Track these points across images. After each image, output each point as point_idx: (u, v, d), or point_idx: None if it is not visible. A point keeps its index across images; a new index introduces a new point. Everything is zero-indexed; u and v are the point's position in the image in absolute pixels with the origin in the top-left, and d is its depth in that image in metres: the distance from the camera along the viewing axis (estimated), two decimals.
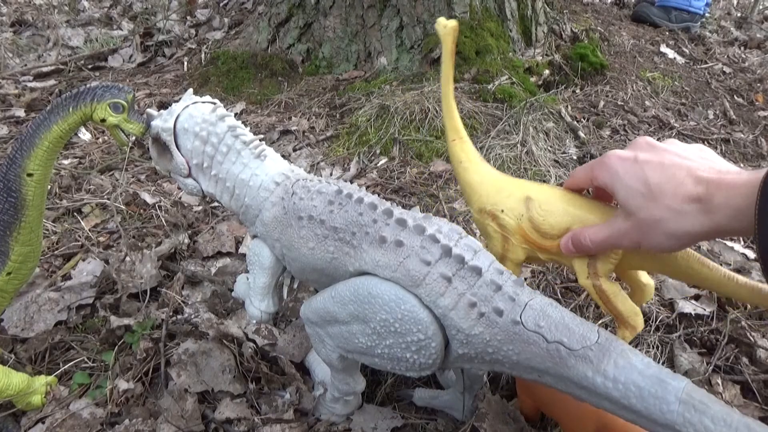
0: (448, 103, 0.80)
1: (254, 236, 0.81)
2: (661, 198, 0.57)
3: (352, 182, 1.46)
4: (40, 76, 2.18)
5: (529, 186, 0.74)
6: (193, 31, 2.53)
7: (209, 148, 0.76)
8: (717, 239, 1.38)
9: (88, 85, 0.72)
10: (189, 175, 0.78)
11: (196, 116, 0.75)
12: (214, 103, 0.79)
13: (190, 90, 0.80)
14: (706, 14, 2.89)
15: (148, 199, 1.37)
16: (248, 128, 0.80)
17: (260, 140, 0.79)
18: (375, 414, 0.85)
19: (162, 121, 0.76)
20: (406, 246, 0.64)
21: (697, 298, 1.13)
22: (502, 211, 0.73)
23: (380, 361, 0.68)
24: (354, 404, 0.84)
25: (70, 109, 0.70)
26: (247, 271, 0.83)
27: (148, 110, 0.78)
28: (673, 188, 0.57)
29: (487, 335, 0.60)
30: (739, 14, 3.34)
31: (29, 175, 0.70)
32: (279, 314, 1.06)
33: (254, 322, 0.83)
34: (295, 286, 0.87)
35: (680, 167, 0.57)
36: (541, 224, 0.70)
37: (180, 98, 0.79)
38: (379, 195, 1.40)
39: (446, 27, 0.75)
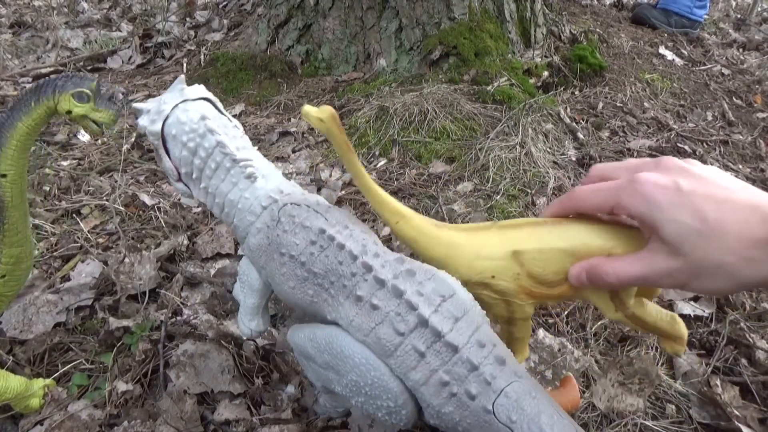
0: (369, 191, 0.68)
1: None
2: (724, 239, 0.49)
3: (351, 184, 1.46)
4: (39, 78, 2.17)
5: (508, 235, 0.63)
6: (192, 32, 2.53)
7: (198, 161, 0.71)
8: None
9: (48, 78, 0.69)
10: (179, 180, 0.74)
11: (184, 123, 0.69)
12: (208, 99, 0.73)
13: (182, 77, 0.74)
14: (704, 17, 2.89)
15: (147, 200, 1.37)
16: (244, 134, 0.75)
17: (250, 160, 0.73)
18: None
19: (149, 122, 0.71)
20: (380, 310, 0.60)
21: (696, 299, 1.13)
22: (493, 277, 0.63)
23: (357, 408, 0.66)
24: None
25: (33, 104, 0.67)
26: None
27: (135, 104, 0.73)
28: (738, 228, 0.49)
29: (457, 416, 0.57)
30: (737, 16, 3.35)
31: (2, 176, 0.68)
32: (278, 315, 1.06)
33: (244, 338, 0.82)
34: None
35: (736, 201, 0.50)
36: (545, 276, 0.61)
37: (169, 88, 0.73)
38: None
39: (321, 119, 0.62)
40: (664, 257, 0.53)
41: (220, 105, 0.75)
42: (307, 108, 0.63)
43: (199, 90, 0.73)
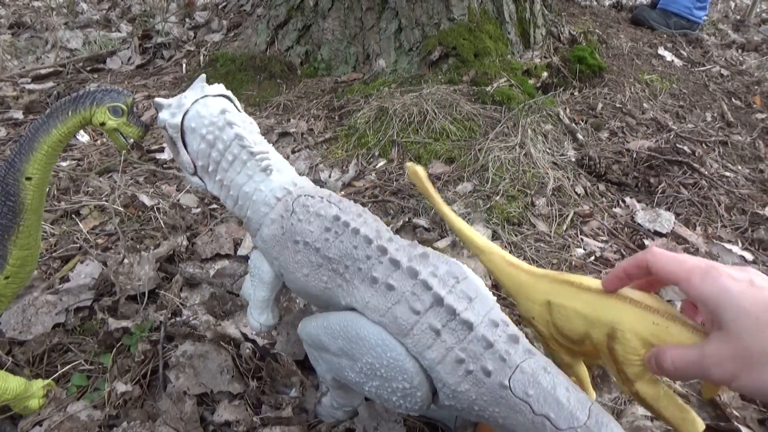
0: (453, 225, 0.76)
1: (255, 247, 0.80)
2: None
3: (351, 184, 1.46)
4: (39, 78, 2.18)
5: (551, 286, 0.67)
6: (191, 33, 2.53)
7: (215, 153, 0.73)
8: (714, 240, 1.38)
9: (87, 89, 0.71)
10: (195, 173, 0.76)
11: (204, 117, 0.72)
12: (227, 96, 0.76)
13: (203, 76, 0.77)
14: (704, 18, 2.90)
15: (147, 201, 1.37)
16: (258, 131, 0.78)
17: (266, 153, 0.76)
18: (381, 412, 0.85)
19: (169, 115, 0.73)
20: (396, 291, 0.61)
21: None
22: (533, 318, 0.69)
23: (369, 395, 0.66)
24: (355, 410, 0.84)
25: (70, 113, 0.70)
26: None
27: (157, 99, 0.75)
28: None
29: (473, 394, 0.57)
30: (736, 17, 3.35)
31: (28, 179, 0.70)
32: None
33: (254, 333, 0.82)
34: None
35: None
36: (564, 330, 0.64)
37: (191, 86, 0.76)
38: (378, 197, 1.41)
39: (414, 174, 0.75)
40: (717, 344, 0.51)
41: (237, 103, 0.78)
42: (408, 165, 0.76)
43: (219, 88, 0.76)
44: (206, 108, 0.72)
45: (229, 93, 0.77)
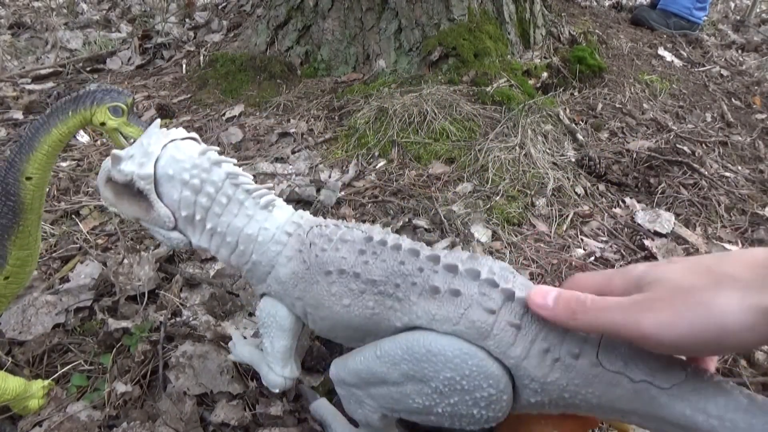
0: None
1: (263, 294, 0.73)
2: (715, 268, 0.44)
3: (351, 185, 1.46)
4: (39, 79, 2.18)
5: None
6: (191, 33, 2.53)
7: (203, 198, 0.65)
8: (714, 240, 1.38)
9: (87, 89, 0.71)
10: (174, 228, 0.67)
11: (182, 160, 0.64)
12: (194, 139, 0.69)
13: (158, 121, 0.69)
14: (704, 19, 2.90)
15: None
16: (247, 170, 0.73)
17: (263, 189, 0.70)
18: None
19: (137, 166, 0.64)
20: (464, 295, 0.57)
21: None
22: None
23: (437, 419, 0.62)
24: None
25: (70, 113, 0.70)
26: (245, 330, 0.78)
27: (114, 151, 0.66)
28: (732, 259, 0.44)
29: (564, 380, 0.55)
30: (736, 17, 3.35)
31: (28, 178, 0.70)
32: None
33: (276, 391, 0.75)
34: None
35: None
36: None
37: (146, 131, 0.68)
38: (378, 197, 1.41)
39: None
40: (639, 295, 0.48)
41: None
42: None
43: (182, 131, 0.69)
44: (181, 151, 0.65)
45: (195, 135, 0.69)
